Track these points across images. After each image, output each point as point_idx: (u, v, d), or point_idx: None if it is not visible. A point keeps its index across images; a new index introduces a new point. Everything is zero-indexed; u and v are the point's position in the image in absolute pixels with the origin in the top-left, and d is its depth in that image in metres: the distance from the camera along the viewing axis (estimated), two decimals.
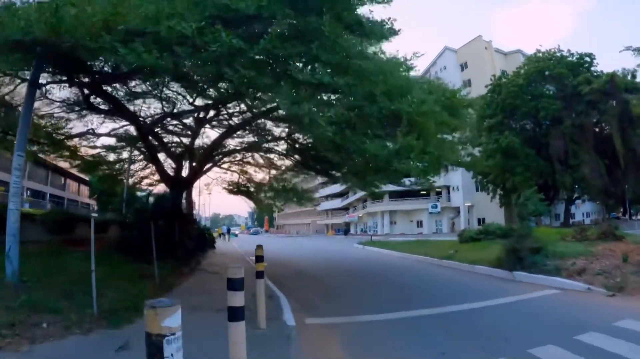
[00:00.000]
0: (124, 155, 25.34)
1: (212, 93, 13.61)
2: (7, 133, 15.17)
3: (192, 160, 24.95)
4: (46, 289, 7.60)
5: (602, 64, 67.01)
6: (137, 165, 28.45)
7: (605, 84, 38.66)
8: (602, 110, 39.98)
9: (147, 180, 30.28)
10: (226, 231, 60.01)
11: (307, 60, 7.62)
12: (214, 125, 18.20)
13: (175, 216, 15.27)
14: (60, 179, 57.42)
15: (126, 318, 7.07)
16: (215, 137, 16.86)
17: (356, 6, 7.65)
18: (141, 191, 34.54)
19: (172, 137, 19.69)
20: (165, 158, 19.37)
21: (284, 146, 23.05)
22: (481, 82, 51.97)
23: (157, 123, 14.96)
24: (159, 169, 15.91)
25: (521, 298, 9.23)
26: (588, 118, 41.30)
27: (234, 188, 30.10)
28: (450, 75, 51.78)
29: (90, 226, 8.22)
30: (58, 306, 6.89)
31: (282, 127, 21.54)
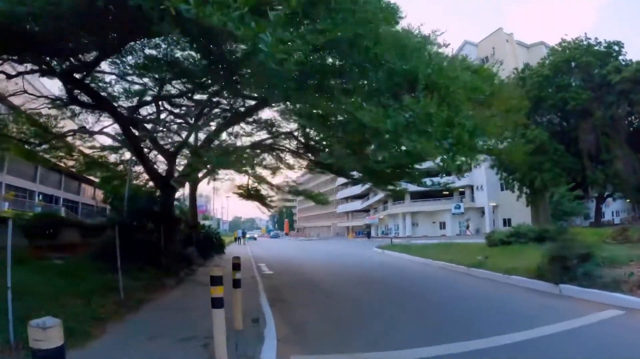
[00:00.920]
0: (128, 155, 24.02)
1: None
2: None
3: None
4: None
5: (630, 53, 63.40)
6: (141, 167, 27.19)
7: (637, 72, 36.11)
8: (635, 100, 37.35)
9: (151, 183, 29.04)
10: (241, 235, 58.30)
11: None
12: (213, 117, 16.41)
13: (162, 220, 13.50)
14: (75, 183, 56.67)
15: None
16: (214, 128, 15.08)
17: None
18: (143, 193, 33.64)
19: (167, 136, 18.17)
20: (157, 156, 17.83)
21: (294, 143, 21.42)
22: (503, 75, 49.29)
23: (137, 109, 13.10)
24: (147, 167, 14.18)
25: (581, 323, 7.00)
26: (620, 110, 38.73)
27: (244, 192, 28.51)
28: None
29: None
30: None
31: (290, 121, 19.88)
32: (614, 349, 5.58)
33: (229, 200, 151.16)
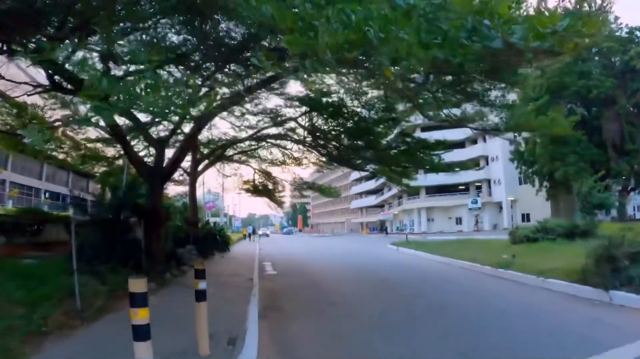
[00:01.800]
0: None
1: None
2: None
3: (192, 150, 22.12)
4: None
5: None
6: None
7: None
8: None
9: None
10: (251, 232, 56.99)
11: None
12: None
13: (144, 215, 12.04)
14: (84, 181, 56.08)
15: None
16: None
17: None
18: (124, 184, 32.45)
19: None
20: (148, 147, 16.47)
21: (301, 131, 19.98)
22: None
23: None
24: (131, 157, 12.72)
25: None
26: None
27: (251, 187, 27.22)
28: None
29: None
30: None
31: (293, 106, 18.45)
32: None
33: (242, 197, 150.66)
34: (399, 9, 3.94)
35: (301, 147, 21.76)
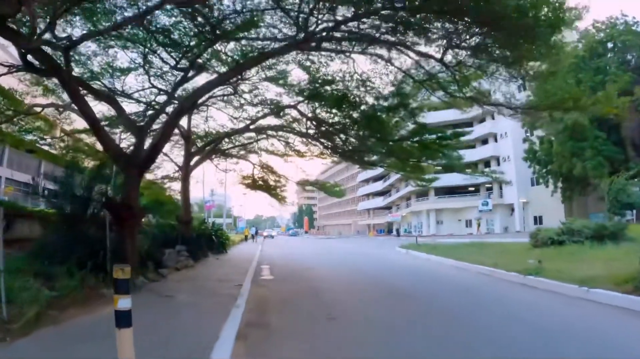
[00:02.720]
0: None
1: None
2: None
3: (185, 143, 20.58)
4: None
5: None
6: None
7: None
8: None
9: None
10: (254, 233, 55.38)
11: None
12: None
13: (113, 209, 10.44)
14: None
15: None
16: (200, 85, 12.02)
17: None
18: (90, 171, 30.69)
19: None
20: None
21: (304, 120, 18.52)
22: None
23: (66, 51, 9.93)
24: (104, 143, 11.12)
25: None
26: None
27: (251, 182, 25.74)
28: None
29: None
30: None
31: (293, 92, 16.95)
32: None
33: (248, 198, 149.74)
34: None
35: (304, 139, 20.23)
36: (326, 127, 17.26)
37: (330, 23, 10.53)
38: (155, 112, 13.28)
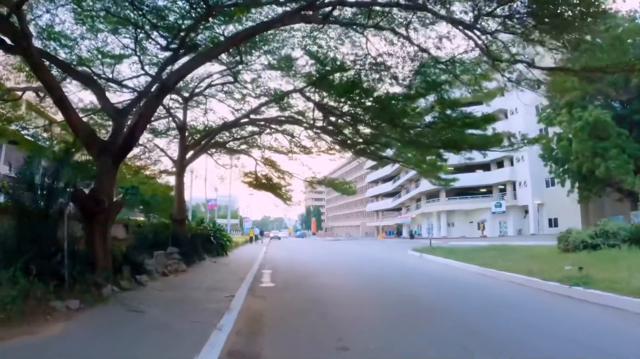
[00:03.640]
0: None
1: None
2: None
3: (180, 135, 18.94)
4: None
5: None
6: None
7: None
8: None
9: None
10: (259, 234, 53.73)
11: None
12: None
13: (81, 202, 8.74)
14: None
15: None
16: (185, 61, 10.29)
17: None
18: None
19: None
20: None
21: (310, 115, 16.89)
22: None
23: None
24: (72, 124, 9.43)
25: None
26: None
27: (253, 180, 24.02)
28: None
29: None
30: None
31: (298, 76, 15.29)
32: None
33: (256, 199, 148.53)
34: None
35: (310, 132, 18.52)
36: (335, 116, 15.53)
37: None
38: (138, 95, 11.57)
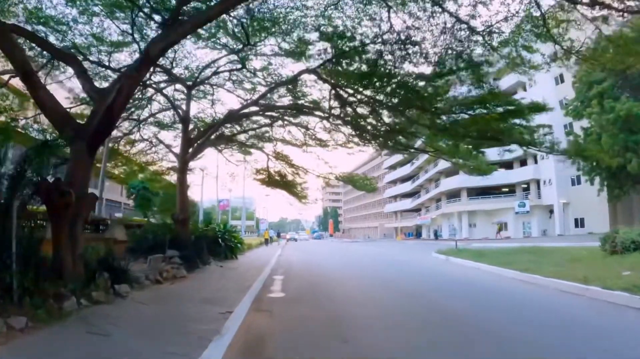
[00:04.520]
0: None
1: None
2: None
3: (183, 127, 17.39)
4: None
5: None
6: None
7: None
8: None
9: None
10: (275, 235, 51.81)
11: None
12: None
13: (43, 195, 7.13)
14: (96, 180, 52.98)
15: None
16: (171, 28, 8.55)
17: None
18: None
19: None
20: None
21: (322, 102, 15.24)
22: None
23: None
24: (41, 101, 7.86)
25: None
26: None
27: (266, 177, 22.37)
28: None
29: None
30: None
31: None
32: None
33: (273, 200, 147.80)
34: None
35: (326, 122, 16.86)
36: (354, 102, 13.83)
37: None
38: (121, 73, 9.95)
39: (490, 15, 10.18)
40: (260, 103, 16.30)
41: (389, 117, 14.57)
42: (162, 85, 17.39)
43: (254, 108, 17.05)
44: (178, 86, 17.80)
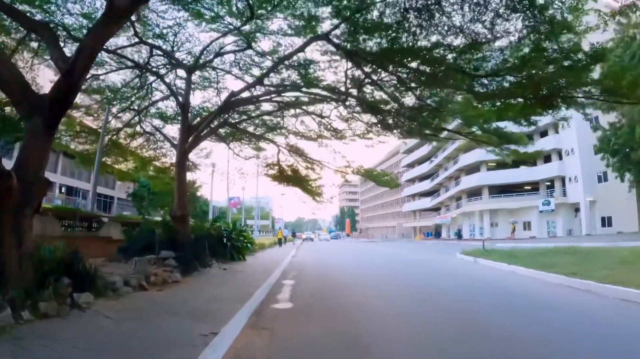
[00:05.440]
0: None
1: None
2: None
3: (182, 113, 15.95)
4: None
5: None
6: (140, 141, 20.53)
7: None
8: None
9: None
10: (291, 235, 50.23)
11: None
12: None
13: None
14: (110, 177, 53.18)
15: None
16: None
17: None
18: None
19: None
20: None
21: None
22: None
23: None
24: None
25: None
26: None
27: (277, 172, 20.83)
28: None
29: None
30: None
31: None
32: None
33: (290, 200, 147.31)
34: None
35: (343, 111, 15.30)
36: (376, 79, 12.22)
37: None
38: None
39: None
40: (266, 84, 14.69)
41: (418, 91, 12.82)
42: (162, 71, 15.98)
43: (260, 92, 15.48)
44: (180, 72, 16.42)
